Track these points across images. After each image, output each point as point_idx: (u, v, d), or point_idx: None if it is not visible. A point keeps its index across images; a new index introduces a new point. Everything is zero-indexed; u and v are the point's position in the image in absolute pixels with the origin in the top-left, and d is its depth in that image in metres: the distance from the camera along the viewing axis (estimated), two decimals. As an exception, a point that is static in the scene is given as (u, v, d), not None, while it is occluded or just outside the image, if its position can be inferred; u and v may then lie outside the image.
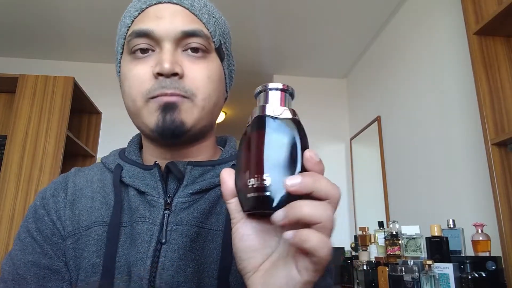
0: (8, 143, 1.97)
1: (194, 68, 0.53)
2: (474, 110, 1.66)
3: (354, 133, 3.33)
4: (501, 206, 1.35)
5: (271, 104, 0.36)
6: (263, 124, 0.35)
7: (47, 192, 0.57)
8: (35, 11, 2.71)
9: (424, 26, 2.30)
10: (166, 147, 0.56)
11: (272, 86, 0.37)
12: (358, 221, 3.07)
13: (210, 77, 0.54)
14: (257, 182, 0.33)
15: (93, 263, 0.50)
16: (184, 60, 0.53)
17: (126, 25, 0.56)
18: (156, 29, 0.52)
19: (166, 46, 0.52)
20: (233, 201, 0.36)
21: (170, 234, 0.50)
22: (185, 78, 0.52)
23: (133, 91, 0.52)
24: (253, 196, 0.33)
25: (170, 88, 0.50)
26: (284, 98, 0.37)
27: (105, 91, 3.13)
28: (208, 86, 0.53)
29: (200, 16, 0.55)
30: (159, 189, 0.53)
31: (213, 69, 0.55)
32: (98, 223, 0.53)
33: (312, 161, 0.33)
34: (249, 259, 0.35)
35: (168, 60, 0.50)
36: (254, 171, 0.34)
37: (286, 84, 0.37)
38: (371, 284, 1.82)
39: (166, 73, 0.50)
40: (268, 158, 0.34)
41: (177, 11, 0.53)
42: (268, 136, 0.34)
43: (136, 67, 0.53)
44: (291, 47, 3.19)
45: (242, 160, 0.36)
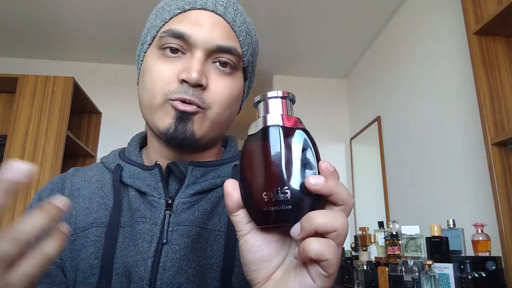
0: (8, 143, 1.97)
1: (220, 82, 0.52)
2: (474, 110, 1.66)
3: (354, 133, 3.33)
4: (501, 206, 1.35)
5: (278, 113, 0.35)
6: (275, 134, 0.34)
7: (43, 193, 0.57)
8: (35, 11, 2.71)
9: (424, 26, 2.30)
10: (171, 148, 0.55)
11: (272, 94, 0.36)
12: (358, 221, 3.07)
13: (231, 94, 0.54)
14: (276, 195, 0.32)
15: (91, 265, 0.49)
16: (211, 72, 0.52)
17: (163, 19, 0.54)
18: (194, 35, 0.51)
19: (198, 55, 0.51)
20: (240, 213, 0.35)
21: (172, 234, 0.50)
22: (207, 90, 0.51)
23: (154, 88, 0.52)
24: (273, 210, 0.32)
25: (191, 95, 0.50)
26: (287, 106, 0.36)
27: (105, 91, 3.13)
28: (226, 102, 0.53)
29: (238, 33, 0.55)
30: (160, 190, 0.52)
31: (236, 87, 0.55)
32: (96, 224, 0.52)
33: (328, 172, 0.33)
34: (260, 270, 0.35)
35: (197, 70, 0.50)
36: (270, 184, 0.33)
37: (285, 91, 0.36)
38: (371, 284, 1.82)
39: (192, 82, 0.50)
40: (285, 170, 0.33)
41: (218, 22, 0.53)
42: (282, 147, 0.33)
43: (164, 65, 0.52)
44: (291, 47, 3.19)
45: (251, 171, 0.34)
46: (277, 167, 0.33)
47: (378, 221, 2.16)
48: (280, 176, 0.32)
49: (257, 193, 0.33)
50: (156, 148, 0.57)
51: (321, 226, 0.31)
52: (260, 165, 0.34)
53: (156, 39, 0.54)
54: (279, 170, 0.33)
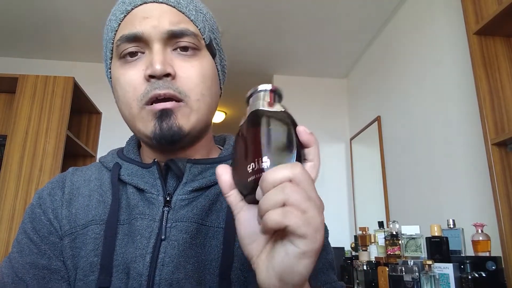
0: (8, 143, 1.97)
1: (186, 67, 0.52)
2: (474, 110, 1.66)
3: (354, 133, 3.33)
4: (501, 206, 1.35)
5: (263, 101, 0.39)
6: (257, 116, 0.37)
7: (44, 191, 0.57)
8: (35, 11, 2.71)
9: (424, 26, 2.30)
10: (164, 150, 0.55)
11: (261, 88, 0.40)
12: (358, 221, 3.07)
13: (203, 75, 0.53)
14: (257, 165, 0.35)
15: (91, 262, 0.50)
16: (174, 59, 0.52)
17: (113, 29, 0.54)
18: (145, 30, 0.51)
19: (156, 47, 0.50)
20: (232, 193, 0.37)
21: (170, 230, 0.50)
22: (177, 78, 0.51)
23: (127, 98, 0.51)
24: (254, 178, 0.35)
25: (163, 88, 0.49)
26: (273, 97, 0.39)
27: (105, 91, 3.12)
28: (201, 85, 0.52)
29: (188, 14, 0.54)
30: (158, 187, 0.53)
31: (206, 67, 0.54)
32: (95, 221, 0.52)
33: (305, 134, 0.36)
34: (253, 243, 0.36)
35: (159, 61, 0.49)
36: (252, 156, 0.36)
37: (274, 85, 0.40)
38: (371, 284, 1.82)
39: (158, 74, 0.49)
40: (265, 143, 0.36)
41: (164, 10, 0.52)
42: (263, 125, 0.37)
43: (127, 72, 0.51)
44: (291, 47, 3.19)
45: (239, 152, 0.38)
46: (259, 141, 0.36)
47: (378, 221, 2.16)
48: (261, 148, 0.35)
49: (243, 168, 0.36)
50: (149, 152, 0.57)
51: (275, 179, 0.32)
52: (246, 145, 0.37)
53: (114, 50, 0.54)
54: (260, 142, 0.36)
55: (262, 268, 0.35)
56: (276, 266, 0.33)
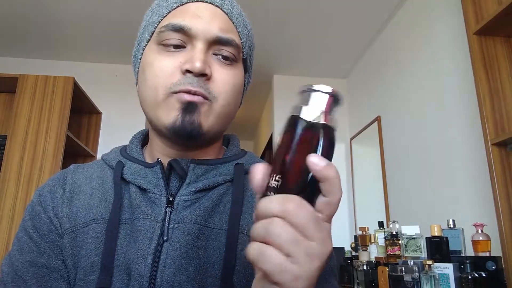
0: (8, 143, 1.97)
1: (223, 73, 0.52)
2: (474, 110, 1.66)
3: (354, 133, 3.33)
4: (501, 206, 1.35)
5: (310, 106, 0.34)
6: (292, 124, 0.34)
7: (44, 189, 0.56)
8: (35, 11, 2.71)
9: (424, 26, 2.30)
10: (174, 145, 0.55)
11: (317, 88, 0.35)
12: (358, 221, 3.07)
13: (235, 84, 0.54)
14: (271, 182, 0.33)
15: (92, 261, 0.49)
16: (213, 62, 0.52)
17: (161, 14, 0.54)
18: (194, 27, 0.51)
19: (199, 46, 0.51)
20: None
21: (172, 231, 0.49)
22: (212, 80, 0.51)
23: (156, 83, 0.51)
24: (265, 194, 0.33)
25: (196, 86, 0.50)
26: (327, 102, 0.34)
27: (105, 91, 3.13)
28: (230, 93, 0.53)
29: (236, 25, 0.55)
30: (161, 187, 0.52)
31: (238, 78, 0.55)
32: (97, 220, 0.52)
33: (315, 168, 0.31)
34: None
35: (200, 59, 0.50)
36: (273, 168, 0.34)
37: (334, 89, 0.34)
38: (371, 284, 1.82)
39: (196, 72, 0.49)
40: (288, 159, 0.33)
41: (217, 13, 0.53)
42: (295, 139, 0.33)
43: (165, 59, 0.52)
44: (291, 47, 3.19)
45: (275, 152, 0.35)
46: (281, 155, 0.33)
47: (378, 221, 2.17)
48: (280, 164, 0.33)
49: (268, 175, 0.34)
50: (159, 146, 0.56)
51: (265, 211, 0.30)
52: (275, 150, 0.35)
53: (154, 34, 0.54)
54: (281, 157, 0.33)
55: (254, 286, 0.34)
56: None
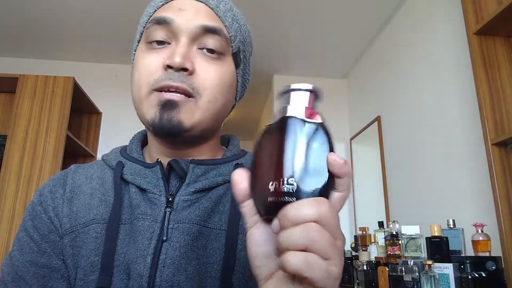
0: (8, 143, 1.97)
1: (206, 67, 0.52)
2: (474, 110, 1.66)
3: (354, 133, 3.33)
4: (501, 206, 1.35)
5: (299, 106, 0.34)
6: (292, 126, 0.33)
7: (45, 189, 0.56)
8: (35, 11, 2.71)
9: (424, 26, 2.30)
10: (167, 144, 0.55)
11: (298, 86, 0.35)
12: (358, 221, 3.07)
13: (221, 79, 0.53)
14: (280, 186, 0.31)
15: (92, 262, 0.49)
16: (197, 57, 0.52)
17: (148, 14, 0.55)
18: (176, 19, 0.51)
19: (182, 40, 0.51)
20: (247, 204, 0.34)
21: (172, 231, 0.49)
22: (195, 75, 0.51)
23: (140, 80, 0.52)
24: (277, 200, 0.31)
25: (177, 81, 0.49)
26: (310, 100, 0.35)
27: (105, 91, 3.13)
28: (217, 88, 0.52)
29: (223, 18, 0.54)
30: (160, 187, 0.52)
31: (226, 73, 0.54)
32: (97, 220, 0.52)
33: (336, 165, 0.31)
34: (263, 266, 0.34)
35: (180, 54, 0.49)
36: (277, 172, 0.32)
37: (314, 85, 0.35)
38: (371, 284, 1.82)
39: (176, 66, 0.49)
40: (294, 161, 0.32)
41: (202, 9, 0.53)
42: (296, 138, 0.32)
43: (149, 57, 0.52)
44: (291, 47, 3.19)
45: (261, 158, 0.34)
46: (287, 157, 0.32)
47: (378, 221, 2.16)
48: (289, 167, 0.31)
49: (264, 182, 0.32)
50: (154, 146, 0.57)
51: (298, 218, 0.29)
52: (272, 155, 0.33)
53: (143, 33, 0.55)
54: (289, 160, 0.32)
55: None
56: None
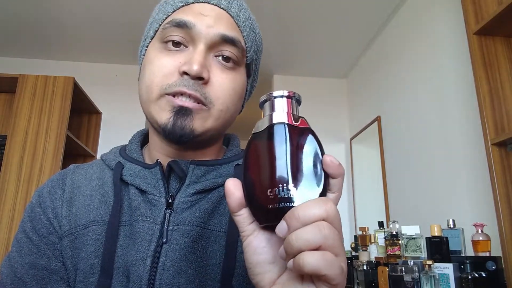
0: (8, 143, 1.97)
1: (222, 77, 0.51)
2: (474, 110, 1.66)
3: (354, 133, 3.33)
4: (501, 206, 1.35)
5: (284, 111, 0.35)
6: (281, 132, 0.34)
7: (44, 190, 0.56)
8: (35, 11, 2.71)
9: (424, 26, 2.30)
10: (171, 144, 0.54)
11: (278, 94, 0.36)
12: (358, 221, 3.07)
13: (234, 89, 0.53)
14: (280, 192, 0.32)
15: (91, 264, 0.49)
16: (213, 65, 0.51)
17: (166, 12, 0.54)
18: (198, 24, 0.50)
19: (200, 47, 0.50)
20: (242, 213, 0.34)
21: (172, 233, 0.49)
22: (209, 84, 0.50)
23: (151, 81, 0.51)
24: (276, 207, 0.32)
25: (191, 89, 0.49)
26: (292, 106, 0.36)
27: (105, 91, 3.13)
28: (229, 98, 0.52)
29: (242, 28, 0.54)
30: (160, 188, 0.52)
31: (239, 83, 0.54)
32: (97, 222, 0.51)
33: (332, 166, 0.33)
34: (265, 273, 0.34)
35: (198, 62, 0.49)
36: (274, 180, 0.32)
37: (291, 91, 0.36)
38: (371, 284, 1.82)
39: (193, 74, 0.49)
40: (290, 167, 0.32)
41: (222, 15, 0.52)
42: (287, 144, 0.33)
43: (165, 58, 0.51)
44: (291, 47, 3.19)
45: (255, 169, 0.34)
46: (282, 164, 0.33)
47: (378, 221, 2.17)
48: (285, 174, 0.32)
49: (261, 190, 0.33)
50: (157, 145, 0.56)
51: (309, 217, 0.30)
52: (265, 163, 0.33)
53: (158, 32, 0.54)
54: (284, 167, 0.32)
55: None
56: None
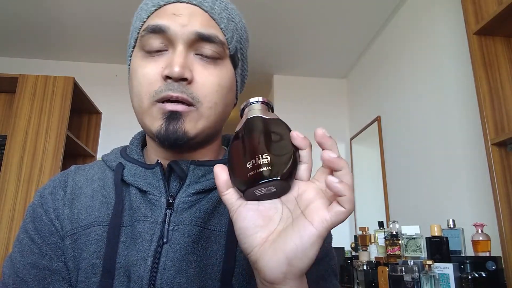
0: (8, 143, 1.97)
1: (205, 74, 0.51)
2: (474, 110, 1.66)
3: (354, 133, 3.33)
4: (501, 206, 1.35)
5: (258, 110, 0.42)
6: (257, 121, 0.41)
7: (45, 190, 0.56)
8: (35, 11, 2.71)
9: (424, 26, 2.30)
10: (169, 149, 0.55)
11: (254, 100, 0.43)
12: (358, 221, 3.07)
13: (220, 84, 0.52)
14: (257, 161, 0.37)
15: (93, 264, 0.49)
16: (195, 64, 0.51)
17: (141, 19, 0.54)
18: (171, 26, 0.50)
19: (179, 48, 0.50)
20: (229, 191, 0.39)
21: (172, 233, 0.49)
22: (194, 83, 0.50)
23: (140, 91, 0.51)
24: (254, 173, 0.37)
25: (177, 92, 0.49)
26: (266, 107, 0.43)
27: (105, 91, 3.13)
28: (216, 94, 0.52)
29: (219, 21, 0.53)
30: (161, 188, 0.52)
31: (225, 76, 0.53)
32: (98, 222, 0.52)
33: (298, 138, 0.38)
34: (255, 234, 0.37)
35: (178, 63, 0.49)
36: (252, 154, 0.38)
37: (264, 98, 0.44)
38: (371, 284, 1.82)
39: (175, 77, 0.49)
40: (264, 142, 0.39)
41: (196, 12, 0.52)
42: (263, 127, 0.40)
43: (147, 66, 0.51)
44: (291, 47, 3.19)
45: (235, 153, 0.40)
46: (258, 141, 0.39)
47: (378, 221, 2.17)
48: (260, 146, 0.38)
49: (242, 166, 0.38)
50: (154, 149, 0.56)
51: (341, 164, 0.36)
52: (244, 146, 0.40)
53: (138, 40, 0.54)
54: (259, 142, 0.39)
55: (269, 255, 0.35)
56: (288, 251, 0.34)
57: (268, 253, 0.35)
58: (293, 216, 0.37)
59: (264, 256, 0.35)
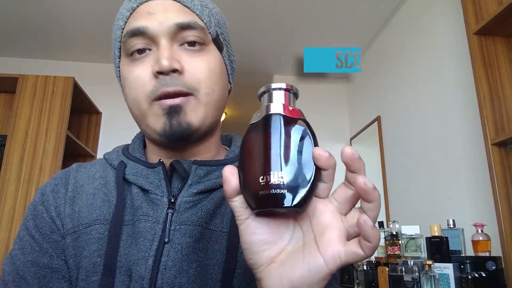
0: (8, 143, 1.97)
1: (193, 62, 0.52)
2: (474, 110, 1.66)
3: (354, 133, 3.33)
4: (501, 206, 1.35)
5: (280, 103, 0.36)
6: (275, 122, 0.35)
7: (47, 188, 0.56)
8: (35, 11, 2.71)
9: (424, 26, 2.30)
10: (171, 148, 0.55)
11: (276, 86, 0.37)
12: (358, 221, 3.07)
13: (210, 69, 0.53)
14: (271, 180, 0.32)
15: (94, 262, 0.49)
16: (182, 54, 0.51)
17: (119, 27, 0.55)
18: (150, 25, 0.51)
19: (162, 43, 0.50)
20: (237, 199, 0.35)
21: (174, 233, 0.49)
22: (185, 73, 0.51)
23: (136, 95, 0.52)
24: (268, 193, 0.33)
25: (172, 85, 0.49)
26: (289, 98, 0.37)
27: (105, 91, 3.12)
28: (210, 79, 0.52)
29: (193, 8, 0.54)
30: (162, 188, 0.52)
31: (213, 61, 0.54)
32: (99, 221, 0.51)
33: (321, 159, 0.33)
34: (263, 251, 0.35)
35: (165, 56, 0.49)
36: (267, 167, 0.33)
37: (289, 84, 0.37)
38: (371, 284, 1.82)
39: (166, 70, 0.49)
40: (283, 155, 0.33)
41: (169, 5, 0.52)
42: (281, 134, 0.34)
43: (136, 69, 0.52)
44: (291, 47, 3.19)
45: (248, 155, 0.35)
46: (275, 153, 0.33)
47: (378, 221, 2.17)
48: (277, 161, 0.33)
49: (254, 177, 0.33)
50: (156, 150, 0.57)
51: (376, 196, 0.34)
52: (259, 152, 0.34)
53: (121, 48, 0.54)
54: (276, 155, 0.33)
55: (275, 279, 0.34)
56: (295, 281, 0.33)
57: (274, 277, 0.34)
58: (304, 239, 0.35)
59: (269, 278, 0.34)
